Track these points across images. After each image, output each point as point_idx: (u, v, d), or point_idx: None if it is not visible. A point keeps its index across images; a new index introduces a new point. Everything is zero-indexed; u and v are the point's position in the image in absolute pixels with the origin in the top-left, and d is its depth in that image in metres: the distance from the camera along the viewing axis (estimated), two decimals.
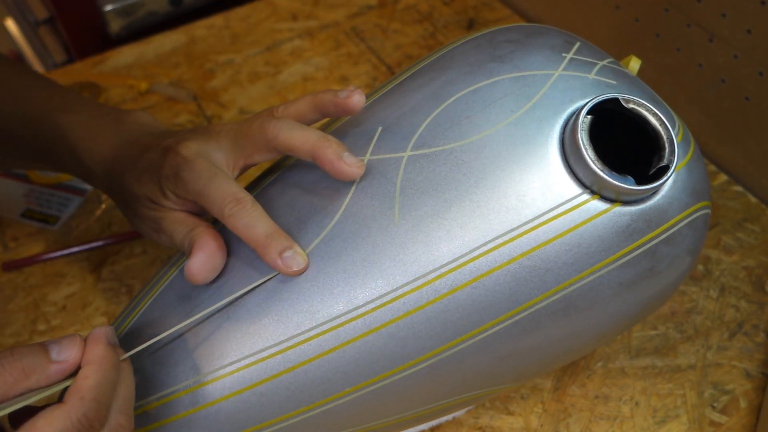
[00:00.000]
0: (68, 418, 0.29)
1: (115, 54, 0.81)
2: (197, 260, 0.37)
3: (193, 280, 0.37)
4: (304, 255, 0.36)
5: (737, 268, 0.58)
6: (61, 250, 0.60)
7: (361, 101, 0.39)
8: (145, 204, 0.41)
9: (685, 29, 0.63)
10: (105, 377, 0.31)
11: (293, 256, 0.35)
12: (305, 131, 0.38)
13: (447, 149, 0.37)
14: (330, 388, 0.36)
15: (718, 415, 0.49)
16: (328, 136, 0.37)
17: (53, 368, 0.30)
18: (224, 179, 0.38)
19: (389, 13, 0.85)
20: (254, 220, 0.36)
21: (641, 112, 0.36)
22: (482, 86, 0.38)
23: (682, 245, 0.38)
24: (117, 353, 0.32)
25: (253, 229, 0.36)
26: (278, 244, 0.36)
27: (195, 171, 0.38)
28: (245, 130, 0.39)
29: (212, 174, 0.38)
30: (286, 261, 0.35)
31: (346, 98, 0.39)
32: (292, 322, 0.36)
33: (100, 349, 0.31)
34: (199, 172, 0.38)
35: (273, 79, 0.77)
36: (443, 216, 0.36)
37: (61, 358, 0.31)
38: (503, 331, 0.37)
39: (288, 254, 0.35)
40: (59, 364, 0.31)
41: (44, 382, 0.30)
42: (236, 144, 0.40)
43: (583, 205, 0.36)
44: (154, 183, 0.40)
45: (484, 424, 0.49)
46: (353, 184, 0.37)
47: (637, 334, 0.54)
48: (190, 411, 0.36)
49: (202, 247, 0.37)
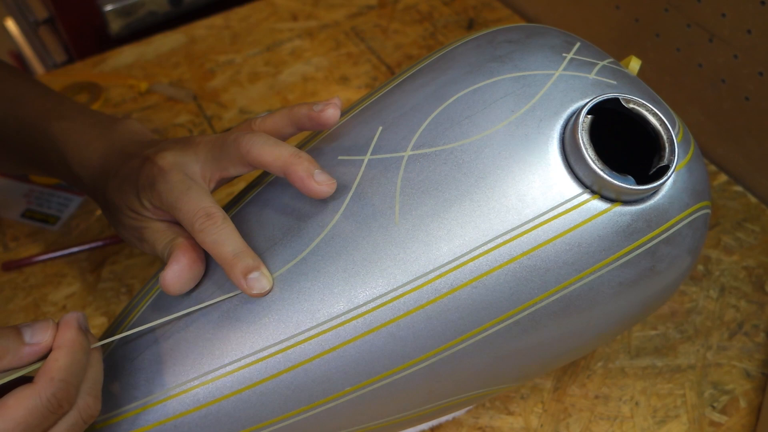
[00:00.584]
0: (38, 397, 0.30)
1: (115, 54, 0.81)
2: (171, 272, 0.37)
3: (166, 290, 0.37)
4: (270, 278, 0.36)
5: (737, 268, 0.58)
6: (61, 250, 0.60)
7: (335, 115, 0.39)
8: (126, 213, 0.41)
9: (685, 29, 0.63)
10: (74, 360, 0.32)
11: (258, 278, 0.35)
12: (277, 147, 0.37)
13: (447, 149, 0.37)
14: (330, 387, 0.36)
15: (718, 415, 0.49)
16: (301, 153, 0.37)
17: (26, 350, 0.32)
18: (197, 192, 0.38)
19: (389, 13, 0.85)
20: (223, 237, 0.36)
21: (641, 112, 0.36)
22: (482, 86, 0.38)
23: (682, 245, 0.38)
24: (87, 338, 0.33)
25: (220, 246, 0.36)
26: (244, 264, 0.35)
27: (169, 182, 0.38)
28: (221, 142, 0.39)
29: (186, 187, 0.38)
30: (250, 282, 0.35)
31: (320, 112, 0.39)
32: (292, 321, 0.36)
33: (71, 334, 0.32)
34: (173, 184, 0.38)
35: (273, 79, 0.77)
36: (443, 215, 0.36)
37: (34, 341, 0.32)
38: (503, 331, 0.37)
39: (253, 276, 0.35)
40: (32, 347, 0.32)
41: (17, 363, 0.32)
42: (213, 156, 0.40)
43: (584, 204, 0.36)
44: (133, 192, 0.40)
45: (484, 424, 0.49)
46: (354, 183, 0.37)
47: (637, 334, 0.54)
48: (191, 410, 0.36)
49: (178, 258, 0.37)
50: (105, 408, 0.36)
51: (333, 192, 0.36)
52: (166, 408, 0.36)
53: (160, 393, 0.36)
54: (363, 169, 0.38)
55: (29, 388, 0.30)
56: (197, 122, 0.72)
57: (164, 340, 0.37)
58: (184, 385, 0.36)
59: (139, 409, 0.36)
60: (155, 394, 0.36)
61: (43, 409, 0.30)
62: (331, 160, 0.39)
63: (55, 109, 0.47)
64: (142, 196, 0.40)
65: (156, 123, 0.72)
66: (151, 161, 0.39)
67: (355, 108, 0.42)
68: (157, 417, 0.36)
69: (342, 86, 0.75)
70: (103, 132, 0.45)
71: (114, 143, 0.44)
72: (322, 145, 0.40)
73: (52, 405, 0.30)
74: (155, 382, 0.36)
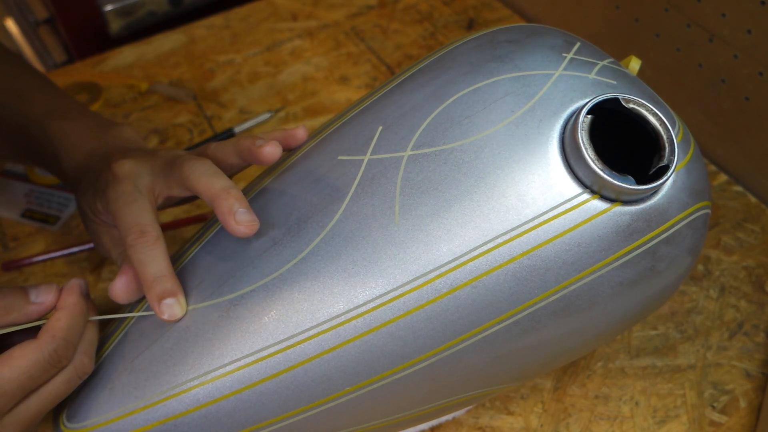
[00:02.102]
0: (41, 351, 0.34)
1: (115, 54, 0.81)
2: (118, 283, 0.38)
3: (114, 300, 0.39)
4: (184, 306, 0.37)
5: (737, 268, 0.58)
6: (61, 250, 0.60)
7: (274, 153, 0.39)
8: (87, 214, 0.42)
9: (685, 29, 0.63)
10: (75, 321, 0.35)
11: (172, 304, 0.37)
12: (212, 178, 0.38)
13: (447, 149, 0.37)
14: (330, 387, 0.36)
15: (718, 415, 0.49)
16: (230, 190, 0.37)
17: (32, 308, 0.36)
18: (139, 207, 0.38)
19: (389, 13, 0.85)
20: (149, 258, 0.37)
21: (641, 112, 0.36)
22: (482, 86, 0.38)
23: (682, 245, 0.38)
24: (87, 303, 0.37)
25: (144, 267, 0.37)
26: (161, 288, 0.37)
27: (117, 191, 0.39)
28: (173, 161, 0.40)
29: (130, 199, 0.39)
30: (163, 307, 0.36)
31: (259, 147, 0.39)
32: (292, 321, 0.36)
33: (73, 298, 0.36)
34: (120, 194, 0.39)
35: (273, 79, 0.77)
36: (443, 215, 0.36)
37: (39, 300, 0.36)
38: (503, 331, 0.37)
39: (168, 301, 0.37)
40: (36, 306, 0.36)
41: (22, 320, 0.36)
42: (164, 173, 0.40)
43: (583, 204, 0.36)
44: (92, 194, 0.41)
45: (484, 424, 0.49)
46: (353, 183, 0.37)
47: (637, 334, 0.54)
48: (191, 410, 0.36)
49: (125, 271, 0.39)
50: (105, 407, 0.36)
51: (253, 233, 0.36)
52: (166, 408, 0.36)
53: (160, 393, 0.36)
54: (363, 169, 0.38)
55: (33, 342, 0.34)
56: (197, 122, 0.72)
57: (164, 340, 0.37)
58: (183, 385, 0.36)
59: (139, 409, 0.36)
60: (155, 394, 0.36)
61: (45, 362, 0.34)
62: (331, 160, 0.39)
63: (59, 109, 0.48)
64: (97, 200, 0.41)
65: (156, 123, 0.72)
66: (109, 167, 0.40)
67: (355, 108, 0.42)
68: (157, 417, 0.36)
69: (342, 86, 0.75)
70: (97, 134, 0.46)
71: (102, 146, 0.45)
72: (323, 145, 0.40)
73: (53, 359, 0.34)
74: (155, 382, 0.36)
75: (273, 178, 0.41)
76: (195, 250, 0.40)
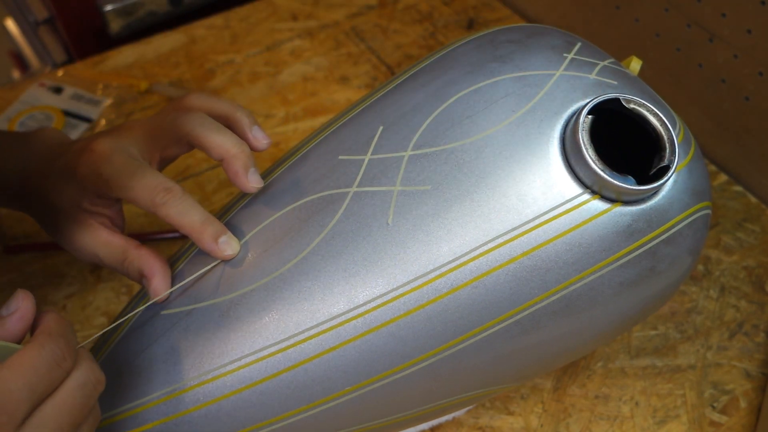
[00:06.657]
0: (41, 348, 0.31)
1: (115, 54, 0.81)
2: (158, 284, 0.38)
3: (160, 301, 0.38)
4: (237, 241, 0.38)
5: (737, 268, 0.58)
6: (62, 249, 0.60)
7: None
8: (68, 212, 0.41)
9: (685, 29, 0.63)
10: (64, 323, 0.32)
11: (228, 241, 0.37)
12: (220, 135, 0.38)
13: (448, 149, 0.37)
14: (330, 386, 0.36)
15: (718, 415, 0.49)
16: (244, 147, 0.38)
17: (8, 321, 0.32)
18: (149, 170, 0.38)
19: (389, 13, 0.85)
20: (188, 207, 0.37)
21: (642, 112, 0.36)
22: (483, 86, 0.38)
23: (682, 245, 0.38)
24: None
25: (187, 217, 0.37)
26: (213, 229, 0.37)
27: (114, 165, 0.38)
28: (159, 123, 0.40)
29: (135, 167, 0.38)
30: (222, 245, 0.37)
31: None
32: (292, 321, 0.36)
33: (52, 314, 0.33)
34: (120, 166, 0.38)
35: (273, 79, 0.77)
36: (444, 215, 0.36)
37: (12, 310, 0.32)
38: (503, 331, 0.37)
39: (223, 239, 0.37)
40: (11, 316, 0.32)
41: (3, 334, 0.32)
42: (151, 137, 0.40)
43: (584, 204, 0.36)
44: (72, 187, 0.40)
45: (484, 424, 0.49)
46: (354, 183, 0.37)
47: (637, 334, 0.54)
48: (191, 409, 0.36)
49: (154, 269, 0.38)
50: (106, 407, 0.36)
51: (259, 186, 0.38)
52: (167, 407, 0.36)
53: (160, 392, 0.36)
54: (363, 168, 0.38)
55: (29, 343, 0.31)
56: None
57: (164, 340, 0.37)
58: (184, 384, 0.36)
59: (140, 408, 0.36)
60: (155, 394, 0.36)
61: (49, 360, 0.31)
62: (331, 160, 0.39)
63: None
64: (85, 188, 0.39)
65: None
66: (88, 150, 0.39)
67: (355, 108, 0.42)
68: (157, 416, 0.36)
69: (342, 86, 0.75)
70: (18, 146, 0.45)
71: (32, 153, 0.44)
72: (323, 145, 0.40)
73: (57, 356, 0.31)
74: (155, 382, 0.36)
75: (274, 177, 0.41)
76: (195, 250, 0.40)
